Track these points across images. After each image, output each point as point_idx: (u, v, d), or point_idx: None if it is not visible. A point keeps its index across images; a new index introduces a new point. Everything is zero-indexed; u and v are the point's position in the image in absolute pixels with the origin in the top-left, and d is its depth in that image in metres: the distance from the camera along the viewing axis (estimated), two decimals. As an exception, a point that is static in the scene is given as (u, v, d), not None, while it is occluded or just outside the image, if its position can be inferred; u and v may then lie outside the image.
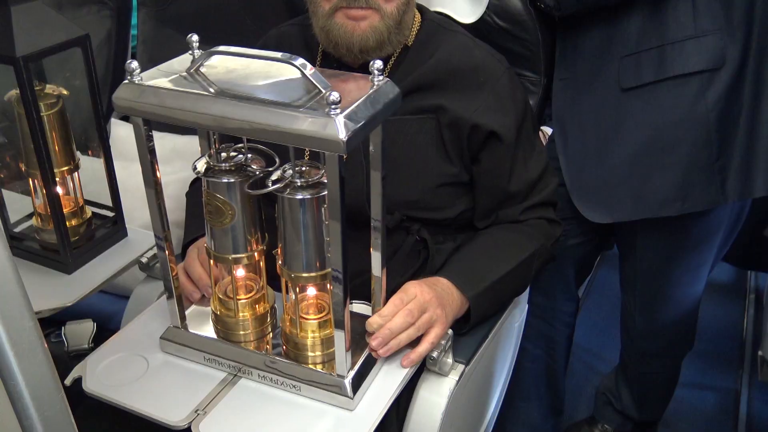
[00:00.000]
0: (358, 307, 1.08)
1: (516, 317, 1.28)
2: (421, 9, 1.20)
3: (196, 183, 1.33)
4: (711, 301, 2.07)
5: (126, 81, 0.83)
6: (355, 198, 1.04)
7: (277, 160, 0.92)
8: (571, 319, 1.61)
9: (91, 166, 1.23)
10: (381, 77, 0.83)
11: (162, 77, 0.84)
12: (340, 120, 0.74)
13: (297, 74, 0.81)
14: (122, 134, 1.66)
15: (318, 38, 1.13)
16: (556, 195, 1.20)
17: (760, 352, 1.24)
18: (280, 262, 0.91)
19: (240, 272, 0.98)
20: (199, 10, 1.63)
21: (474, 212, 1.19)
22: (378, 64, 0.83)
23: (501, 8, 1.32)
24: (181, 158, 1.57)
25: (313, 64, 1.19)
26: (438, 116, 1.12)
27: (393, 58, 1.14)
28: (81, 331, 1.32)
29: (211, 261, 0.97)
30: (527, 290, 1.28)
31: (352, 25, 1.06)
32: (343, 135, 0.73)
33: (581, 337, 1.89)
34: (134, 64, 0.83)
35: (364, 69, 0.92)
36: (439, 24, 1.18)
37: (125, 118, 1.85)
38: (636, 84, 1.24)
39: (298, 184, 0.86)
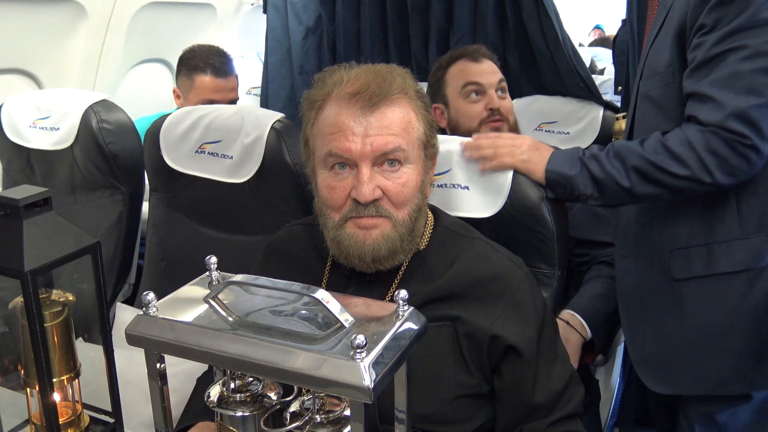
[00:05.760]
0: None
1: None
2: (435, 211, 1.19)
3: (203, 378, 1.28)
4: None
5: (141, 313, 0.80)
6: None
7: (295, 387, 0.87)
8: None
9: (89, 355, 1.18)
10: (406, 307, 0.80)
11: (178, 306, 0.81)
12: (365, 366, 0.70)
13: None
14: (126, 319, 1.61)
15: (329, 249, 1.10)
16: (582, 405, 1.13)
17: None
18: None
19: None
20: (209, 197, 1.62)
21: (494, 425, 1.12)
22: (403, 293, 0.80)
23: (517, 200, 1.32)
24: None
25: (323, 267, 1.17)
26: (455, 325, 1.08)
27: (405, 265, 1.11)
28: None
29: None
30: None
31: (363, 234, 1.04)
32: (368, 382, 0.69)
33: None
34: (150, 296, 0.80)
35: (378, 275, 0.88)
36: (454, 231, 1.16)
37: (129, 302, 1.82)
38: (686, 276, 1.28)
39: (318, 420, 0.80)
